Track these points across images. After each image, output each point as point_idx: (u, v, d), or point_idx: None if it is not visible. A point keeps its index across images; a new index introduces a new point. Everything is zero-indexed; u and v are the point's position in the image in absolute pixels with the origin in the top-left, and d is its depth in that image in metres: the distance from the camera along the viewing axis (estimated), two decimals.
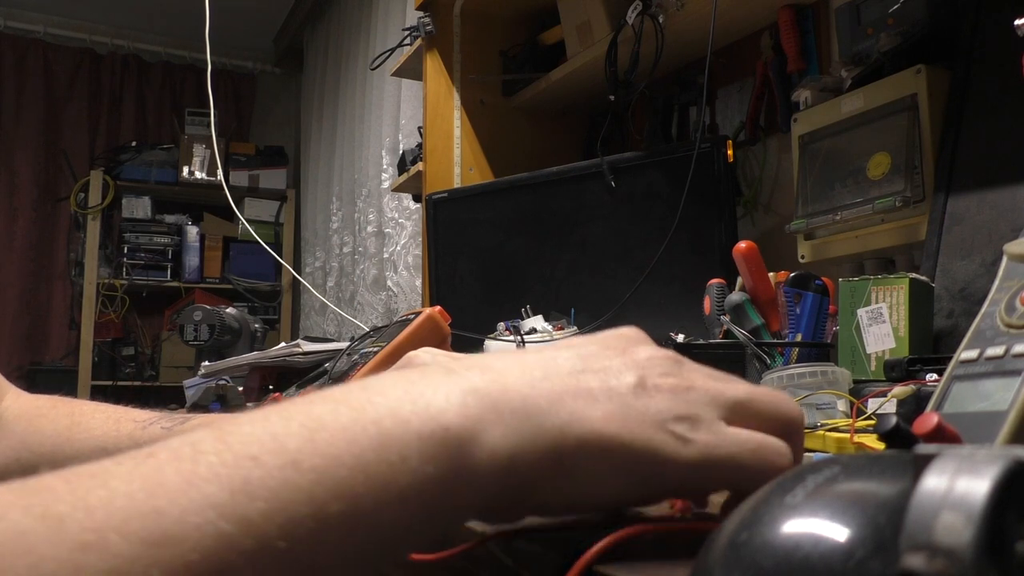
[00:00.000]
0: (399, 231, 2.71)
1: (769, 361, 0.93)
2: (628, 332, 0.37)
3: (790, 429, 0.35)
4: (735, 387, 0.35)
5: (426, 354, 0.54)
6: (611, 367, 0.33)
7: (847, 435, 0.59)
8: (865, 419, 0.63)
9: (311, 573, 0.25)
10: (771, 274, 1.04)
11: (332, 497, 0.26)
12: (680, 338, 0.98)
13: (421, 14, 1.95)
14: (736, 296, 1.02)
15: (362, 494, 0.26)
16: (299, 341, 1.42)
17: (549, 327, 1.27)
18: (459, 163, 1.95)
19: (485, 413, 0.29)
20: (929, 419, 0.29)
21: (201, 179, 3.98)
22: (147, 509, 0.23)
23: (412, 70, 2.11)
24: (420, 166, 2.01)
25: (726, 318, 1.01)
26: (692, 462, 0.32)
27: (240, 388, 1.30)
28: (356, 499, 0.26)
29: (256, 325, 2.15)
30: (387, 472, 0.27)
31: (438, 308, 1.08)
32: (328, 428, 0.27)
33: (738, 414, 0.34)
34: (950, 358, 0.41)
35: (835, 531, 0.22)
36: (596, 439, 0.31)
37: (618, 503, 0.34)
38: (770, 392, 0.36)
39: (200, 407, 1.19)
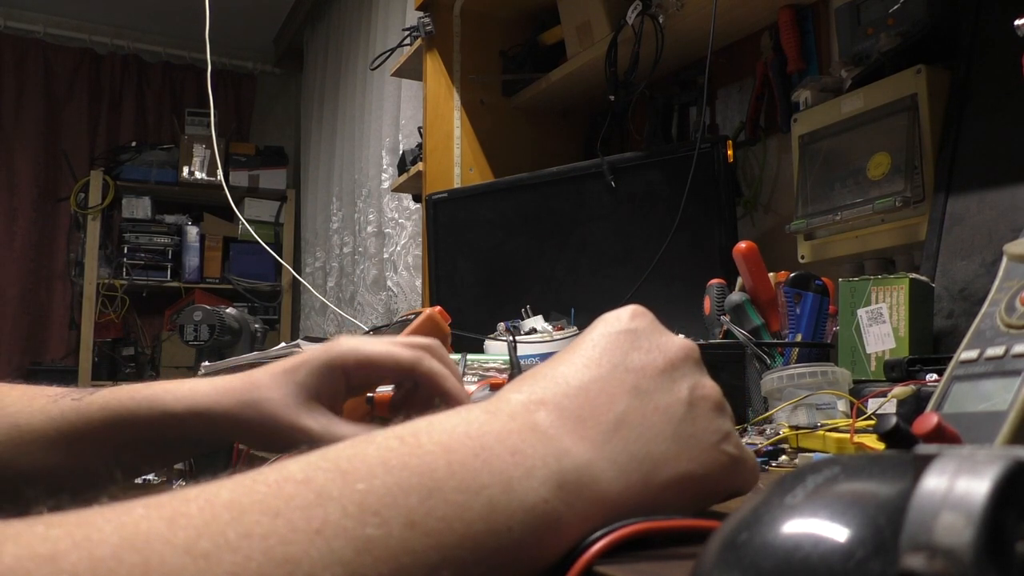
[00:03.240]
0: (399, 231, 2.71)
1: (769, 361, 0.93)
2: (647, 320, 0.38)
3: None
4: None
5: (347, 343, 0.54)
6: (659, 378, 0.36)
7: (847, 435, 0.59)
8: (865, 419, 0.63)
9: None
10: (771, 274, 1.04)
11: (443, 563, 0.27)
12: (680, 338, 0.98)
13: (421, 14, 1.95)
14: (736, 296, 1.02)
15: (471, 563, 0.27)
16: (299, 341, 1.41)
17: (549, 327, 1.27)
18: (459, 163, 1.95)
19: (579, 478, 0.31)
20: (929, 419, 0.29)
21: (201, 179, 3.98)
22: (281, 558, 0.24)
23: (412, 70, 2.11)
24: (420, 166, 2.01)
25: (726, 318, 1.01)
26: (735, 476, 0.36)
27: None
28: (464, 566, 0.27)
29: (256, 325, 2.15)
30: (494, 543, 0.28)
31: (438, 308, 1.08)
32: (443, 490, 0.28)
33: (732, 423, 0.38)
34: (950, 358, 0.41)
35: (835, 531, 0.22)
36: (673, 481, 0.34)
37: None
38: None
39: None
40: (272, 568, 0.24)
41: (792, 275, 1.00)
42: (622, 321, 0.38)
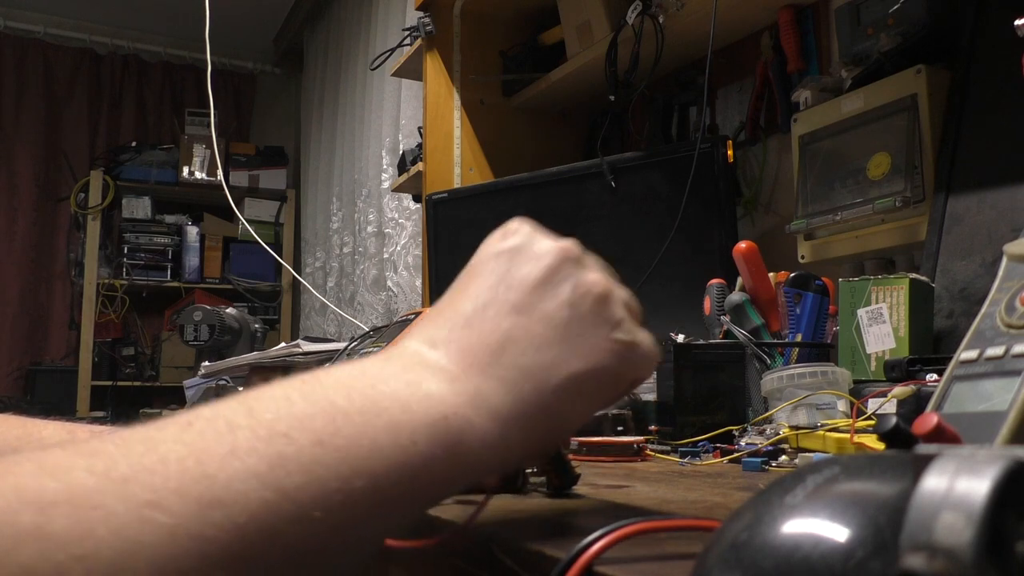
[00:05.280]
0: (399, 231, 2.71)
1: (769, 361, 0.93)
2: (524, 231, 0.39)
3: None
4: (619, 284, 0.39)
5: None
6: (539, 289, 0.37)
7: (847, 435, 0.59)
8: (865, 419, 0.63)
9: (343, 536, 0.29)
10: (771, 274, 1.04)
11: (355, 474, 0.29)
12: (680, 338, 0.98)
13: (421, 14, 1.95)
14: (736, 296, 1.02)
15: (381, 473, 0.29)
16: (299, 341, 1.42)
17: None
18: (459, 163, 1.95)
19: (472, 399, 0.33)
20: (929, 419, 0.29)
21: (201, 179, 3.98)
22: (198, 474, 0.26)
23: (412, 70, 2.11)
24: (420, 166, 2.01)
25: (726, 318, 1.01)
26: (635, 362, 0.38)
27: (240, 388, 1.30)
28: (375, 476, 0.29)
29: (256, 325, 2.15)
30: (400, 454, 0.30)
31: None
32: (345, 412, 0.30)
33: (630, 310, 0.39)
34: (950, 358, 0.41)
35: (835, 531, 0.22)
36: (567, 382, 0.35)
37: (594, 416, 0.40)
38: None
39: None
40: (190, 484, 0.26)
41: (792, 275, 1.00)
42: (495, 241, 0.40)
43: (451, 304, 0.38)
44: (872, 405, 0.64)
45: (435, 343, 0.36)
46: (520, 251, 0.38)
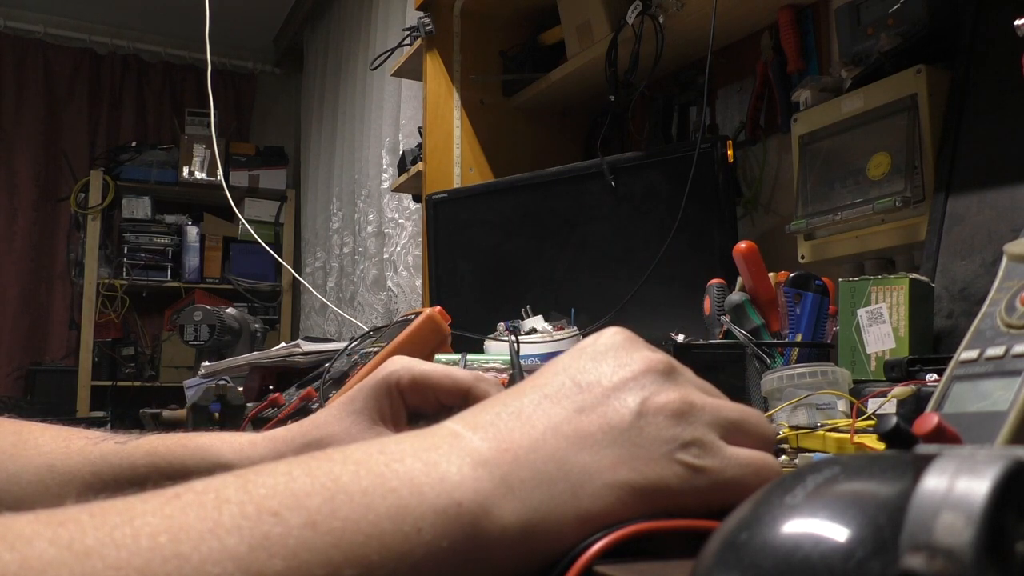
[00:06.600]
0: (399, 231, 2.71)
1: (769, 361, 0.92)
2: (618, 338, 0.37)
3: (770, 447, 0.37)
4: (727, 405, 0.36)
5: (399, 361, 0.52)
6: (609, 393, 0.34)
7: (847, 435, 0.59)
8: (865, 419, 0.63)
9: None
10: (771, 274, 1.04)
11: (346, 562, 0.26)
12: (680, 338, 0.98)
13: (421, 14, 1.95)
14: (736, 296, 1.02)
15: (376, 562, 0.27)
16: (299, 341, 1.42)
17: (549, 327, 1.27)
18: (459, 163, 1.95)
19: (496, 487, 0.30)
20: (929, 419, 0.29)
21: (201, 179, 3.98)
22: (169, 553, 0.24)
23: (412, 70, 2.11)
24: (420, 166, 2.01)
25: (726, 318, 1.01)
26: (702, 489, 0.33)
27: (240, 388, 1.30)
28: (370, 566, 0.26)
29: (256, 325, 2.15)
30: (402, 543, 0.27)
31: (438, 308, 1.08)
32: (348, 491, 0.28)
33: (732, 432, 0.35)
34: (950, 358, 0.41)
35: (835, 531, 0.22)
36: (608, 490, 0.32)
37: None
38: (754, 411, 0.37)
39: (200, 407, 1.19)
40: (158, 564, 0.24)
41: (792, 275, 1.00)
42: (585, 342, 0.37)
43: (513, 392, 0.35)
44: (872, 405, 0.64)
45: (477, 425, 0.32)
46: (606, 354, 0.35)
